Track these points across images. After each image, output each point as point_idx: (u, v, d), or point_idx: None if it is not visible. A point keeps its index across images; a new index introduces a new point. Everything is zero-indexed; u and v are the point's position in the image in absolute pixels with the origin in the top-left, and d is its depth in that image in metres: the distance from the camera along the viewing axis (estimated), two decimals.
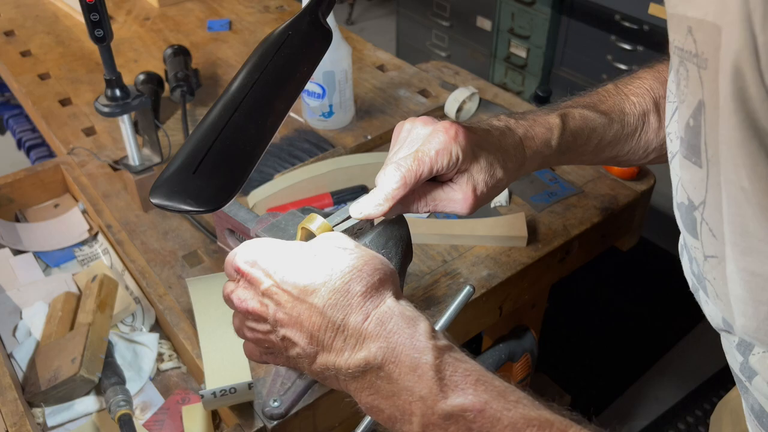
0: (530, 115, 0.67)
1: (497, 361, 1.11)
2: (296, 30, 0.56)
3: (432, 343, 0.47)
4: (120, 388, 0.83)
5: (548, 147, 0.66)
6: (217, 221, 0.71)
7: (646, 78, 0.73)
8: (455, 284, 0.92)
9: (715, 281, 0.46)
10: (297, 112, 1.28)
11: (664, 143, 0.72)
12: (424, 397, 0.45)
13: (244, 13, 1.68)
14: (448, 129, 0.58)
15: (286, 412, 0.72)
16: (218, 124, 0.50)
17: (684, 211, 0.47)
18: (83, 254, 1.06)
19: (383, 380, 0.47)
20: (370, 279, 0.49)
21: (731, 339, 0.50)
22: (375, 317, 0.48)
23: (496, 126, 0.64)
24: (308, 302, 0.48)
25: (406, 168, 0.56)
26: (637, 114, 0.71)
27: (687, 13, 0.42)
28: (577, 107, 0.69)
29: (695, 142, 0.43)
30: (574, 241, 1.01)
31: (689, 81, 0.43)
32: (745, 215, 0.40)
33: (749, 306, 0.43)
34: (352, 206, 0.58)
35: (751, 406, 0.50)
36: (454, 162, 0.58)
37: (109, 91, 0.95)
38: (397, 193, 0.56)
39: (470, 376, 0.46)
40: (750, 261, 0.41)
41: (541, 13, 2.43)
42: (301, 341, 0.49)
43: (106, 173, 1.14)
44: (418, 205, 0.61)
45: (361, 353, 0.47)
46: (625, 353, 1.91)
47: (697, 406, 1.77)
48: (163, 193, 0.47)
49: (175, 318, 0.89)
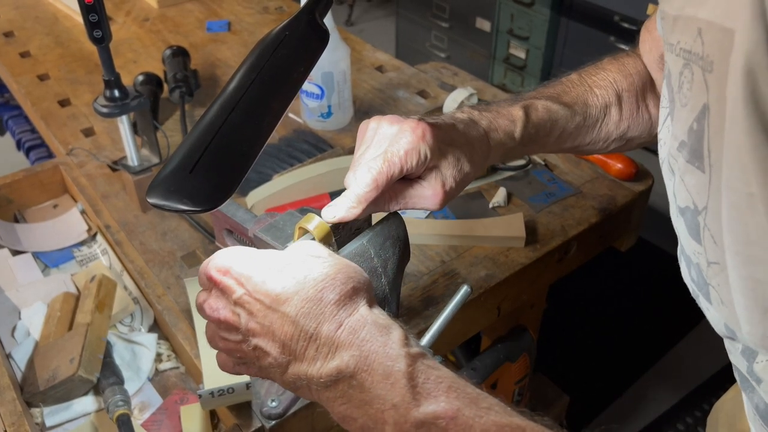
0: (494, 106, 0.68)
1: (495, 362, 1.11)
2: (293, 30, 0.56)
3: (405, 351, 0.47)
4: (118, 388, 0.83)
5: (511, 139, 0.66)
6: (216, 221, 0.71)
7: (611, 70, 0.74)
8: (453, 284, 0.92)
9: (720, 287, 0.45)
10: (296, 113, 1.28)
11: (625, 134, 0.73)
12: (396, 405, 0.45)
13: (243, 14, 1.68)
14: (415, 128, 0.58)
15: (284, 412, 0.72)
16: (215, 124, 0.50)
17: (689, 215, 0.47)
18: (82, 255, 1.06)
19: (355, 389, 0.46)
20: (343, 287, 0.48)
21: (735, 345, 0.50)
22: (348, 326, 0.47)
23: (460, 119, 0.64)
24: (280, 311, 0.47)
25: (377, 170, 0.56)
26: (599, 106, 0.71)
27: (697, 15, 0.42)
28: (541, 98, 0.70)
29: (698, 146, 0.43)
30: (573, 242, 1.01)
31: (693, 84, 0.43)
32: (748, 223, 0.39)
33: (755, 313, 0.43)
34: (324, 210, 0.58)
35: (756, 405, 0.50)
36: (422, 161, 0.58)
37: (108, 91, 0.95)
38: (369, 195, 0.56)
39: (442, 383, 0.46)
40: (754, 269, 0.41)
41: (540, 14, 2.43)
42: (273, 351, 0.48)
43: (105, 174, 1.14)
44: (389, 204, 0.61)
45: (334, 362, 0.46)
46: (624, 354, 1.91)
47: (696, 408, 1.77)
48: (159, 193, 0.47)
49: (173, 318, 0.89)
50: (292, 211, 0.64)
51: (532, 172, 1.12)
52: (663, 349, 1.93)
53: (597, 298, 2.07)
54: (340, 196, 0.57)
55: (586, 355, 1.91)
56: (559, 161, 1.15)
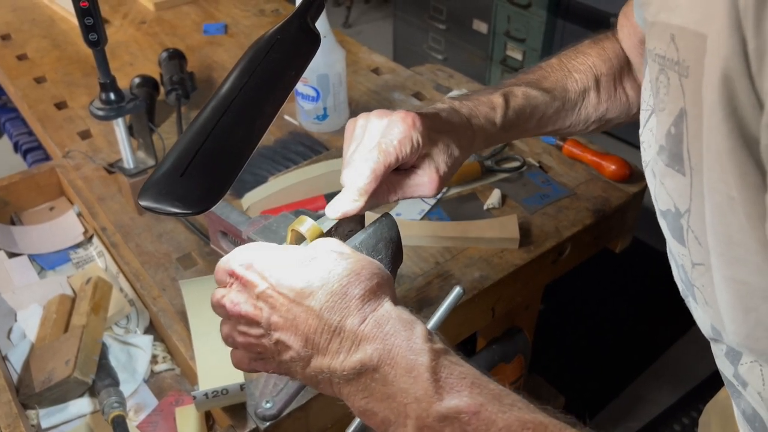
0: (473, 96, 0.70)
1: (490, 363, 1.12)
2: (285, 34, 0.56)
3: (428, 346, 0.47)
4: (114, 389, 0.83)
5: (493, 125, 0.68)
6: (210, 224, 0.71)
7: (590, 54, 0.75)
8: (448, 286, 0.93)
9: (704, 288, 0.46)
10: (291, 115, 1.28)
11: (603, 116, 0.75)
12: (419, 398, 0.45)
13: (239, 16, 1.68)
14: (405, 118, 0.59)
15: (278, 413, 0.72)
16: (207, 127, 0.50)
17: (671, 218, 0.47)
18: (78, 257, 1.06)
19: (378, 382, 0.47)
20: (368, 283, 0.49)
21: (720, 347, 0.50)
22: (372, 320, 0.48)
23: (442, 108, 0.66)
24: (305, 305, 0.48)
25: (374, 161, 0.57)
26: (578, 90, 0.73)
27: (670, 21, 0.42)
28: (521, 85, 0.71)
29: (677, 150, 0.43)
30: (567, 243, 1.01)
31: (670, 89, 0.43)
32: (731, 225, 0.39)
33: (738, 313, 0.43)
34: (328, 207, 0.58)
35: (743, 410, 0.50)
36: (416, 148, 0.59)
37: (104, 94, 0.96)
38: (369, 187, 0.57)
39: (466, 379, 0.46)
40: (736, 270, 0.41)
41: (536, 16, 2.44)
42: (295, 344, 0.49)
43: (101, 176, 1.14)
44: (389, 195, 0.62)
45: (357, 355, 0.47)
46: (620, 355, 1.92)
47: (692, 408, 1.77)
48: (151, 196, 0.47)
49: (168, 320, 0.89)
50: (286, 213, 0.65)
51: (527, 173, 1.12)
52: (659, 350, 1.93)
53: (592, 299, 2.07)
54: (341, 192, 0.58)
55: (582, 355, 1.91)
56: (553, 163, 1.15)
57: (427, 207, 1.05)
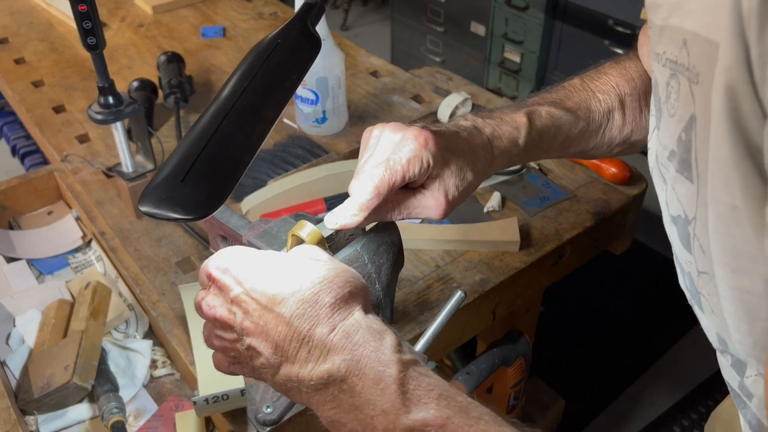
0: (497, 113, 0.68)
1: (491, 366, 1.11)
2: (285, 38, 0.56)
3: (397, 357, 0.46)
4: (113, 395, 0.83)
5: (516, 146, 0.66)
6: (210, 228, 0.71)
7: (612, 74, 0.73)
8: (448, 289, 0.92)
9: (710, 296, 0.45)
10: (290, 118, 1.28)
11: (628, 138, 0.72)
12: (386, 410, 0.45)
13: (237, 19, 1.68)
14: (417, 136, 0.58)
15: (279, 418, 0.71)
16: (207, 132, 0.50)
17: (681, 224, 0.47)
18: (77, 261, 1.06)
19: (346, 393, 0.46)
20: (340, 291, 0.48)
21: (726, 358, 0.50)
22: (341, 329, 0.47)
23: (464, 126, 0.64)
24: (275, 311, 0.47)
25: (379, 178, 0.56)
26: (602, 111, 0.71)
27: (683, 26, 0.41)
28: (544, 104, 0.69)
29: (686, 157, 0.43)
30: (567, 246, 1.01)
31: (680, 95, 0.43)
32: (734, 235, 0.39)
33: (743, 323, 0.43)
34: (327, 216, 0.58)
35: (749, 421, 0.50)
36: (425, 169, 0.58)
37: (102, 98, 0.95)
38: (371, 204, 0.56)
39: (433, 391, 0.45)
40: (741, 280, 0.41)
41: (534, 19, 2.44)
42: (265, 351, 0.48)
43: (100, 180, 1.14)
44: (392, 213, 0.61)
45: (325, 365, 0.46)
46: (620, 357, 1.91)
47: (693, 410, 1.77)
48: (151, 201, 0.47)
49: (168, 325, 0.89)
50: (287, 217, 0.64)
51: (527, 176, 1.12)
52: (659, 352, 1.93)
53: (593, 302, 2.07)
54: (343, 204, 0.58)
55: (582, 358, 1.91)
56: (553, 166, 1.15)
57: None
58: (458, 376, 1.09)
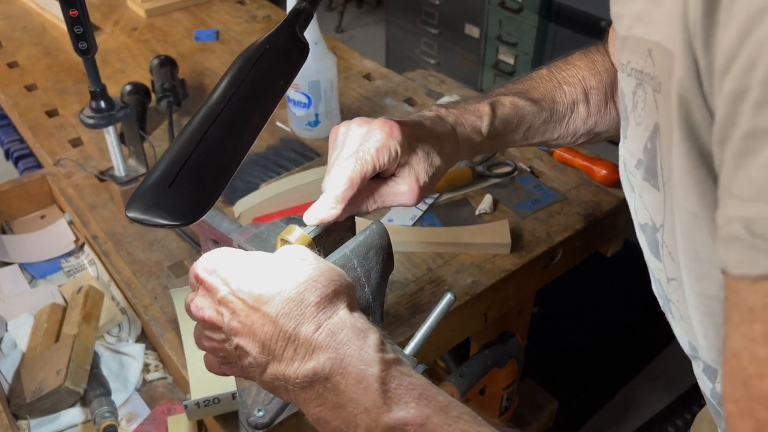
0: (462, 103, 0.70)
1: (483, 368, 1.12)
2: (273, 44, 0.56)
3: (379, 356, 0.47)
4: (105, 399, 0.83)
5: (478, 134, 0.68)
6: (201, 232, 0.71)
7: (580, 66, 0.75)
8: (440, 292, 0.93)
9: (679, 303, 0.46)
10: (283, 122, 1.28)
11: (592, 129, 0.75)
12: (368, 409, 0.45)
13: (231, 23, 1.68)
14: (383, 126, 0.60)
15: (270, 421, 0.72)
16: (195, 138, 0.50)
17: (649, 232, 0.48)
18: (69, 265, 1.06)
19: (330, 391, 0.47)
20: (324, 290, 0.49)
21: (698, 364, 0.50)
22: (326, 328, 0.48)
23: (428, 116, 0.66)
24: (262, 311, 0.48)
25: (351, 169, 0.58)
26: (567, 103, 0.73)
27: (646, 36, 0.42)
28: (509, 95, 0.71)
29: (652, 165, 0.44)
30: (558, 248, 1.02)
31: (646, 104, 0.44)
32: (697, 241, 0.40)
33: (710, 329, 0.43)
34: (306, 214, 0.59)
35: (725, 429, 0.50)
36: (394, 157, 0.60)
37: (94, 102, 0.95)
38: (346, 194, 0.58)
39: (414, 390, 0.46)
40: (705, 286, 0.41)
41: (528, 20, 2.45)
42: (253, 350, 0.49)
43: (93, 184, 1.14)
44: (367, 203, 0.62)
45: (310, 363, 0.47)
46: (614, 358, 1.92)
47: (687, 410, 1.78)
48: (139, 207, 0.47)
49: (160, 328, 0.89)
50: (277, 222, 0.65)
51: (518, 179, 1.13)
52: (652, 353, 1.93)
53: (586, 303, 2.08)
54: (319, 199, 0.58)
55: (576, 359, 1.91)
56: (544, 168, 1.15)
57: (419, 213, 1.06)
58: (450, 378, 1.10)
